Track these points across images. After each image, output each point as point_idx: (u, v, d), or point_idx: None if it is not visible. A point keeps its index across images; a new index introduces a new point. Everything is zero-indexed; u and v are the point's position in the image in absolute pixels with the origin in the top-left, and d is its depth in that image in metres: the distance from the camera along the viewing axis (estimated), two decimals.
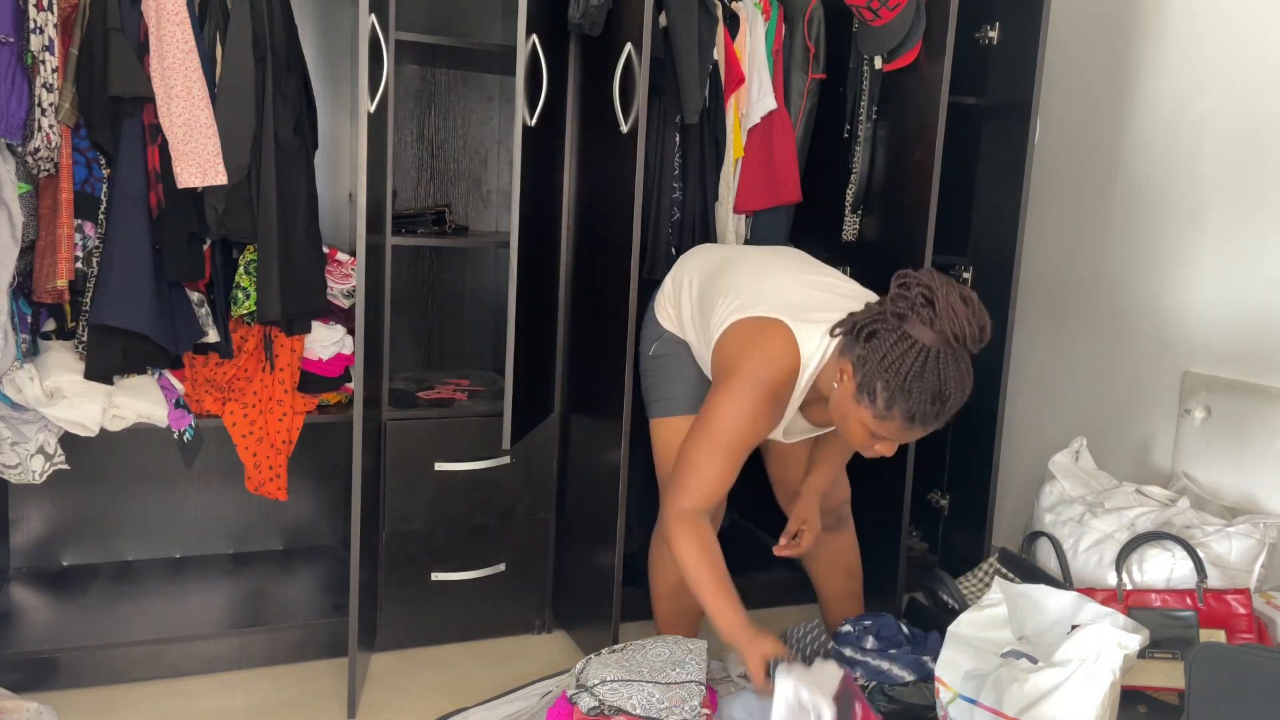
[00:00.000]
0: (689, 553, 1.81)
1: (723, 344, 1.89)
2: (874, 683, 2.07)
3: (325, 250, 2.32)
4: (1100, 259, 2.73)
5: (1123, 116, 2.68)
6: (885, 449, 1.76)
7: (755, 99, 2.47)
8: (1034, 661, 1.79)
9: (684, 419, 2.08)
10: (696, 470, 1.83)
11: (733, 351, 1.86)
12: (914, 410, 1.65)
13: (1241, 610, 2.02)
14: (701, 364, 2.06)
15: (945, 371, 1.64)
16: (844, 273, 2.59)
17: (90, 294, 2.04)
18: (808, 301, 1.88)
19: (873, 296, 1.94)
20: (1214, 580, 2.05)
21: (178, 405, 2.23)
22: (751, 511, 3.00)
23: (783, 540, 2.09)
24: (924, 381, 1.63)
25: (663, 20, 2.33)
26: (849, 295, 1.93)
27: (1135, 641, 1.71)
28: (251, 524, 2.70)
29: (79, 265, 2.04)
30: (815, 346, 1.81)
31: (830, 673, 1.70)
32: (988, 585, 2.34)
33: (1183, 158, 2.51)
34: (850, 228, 2.59)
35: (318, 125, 2.34)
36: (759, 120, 2.48)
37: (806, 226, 2.71)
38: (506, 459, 2.39)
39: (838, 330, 1.77)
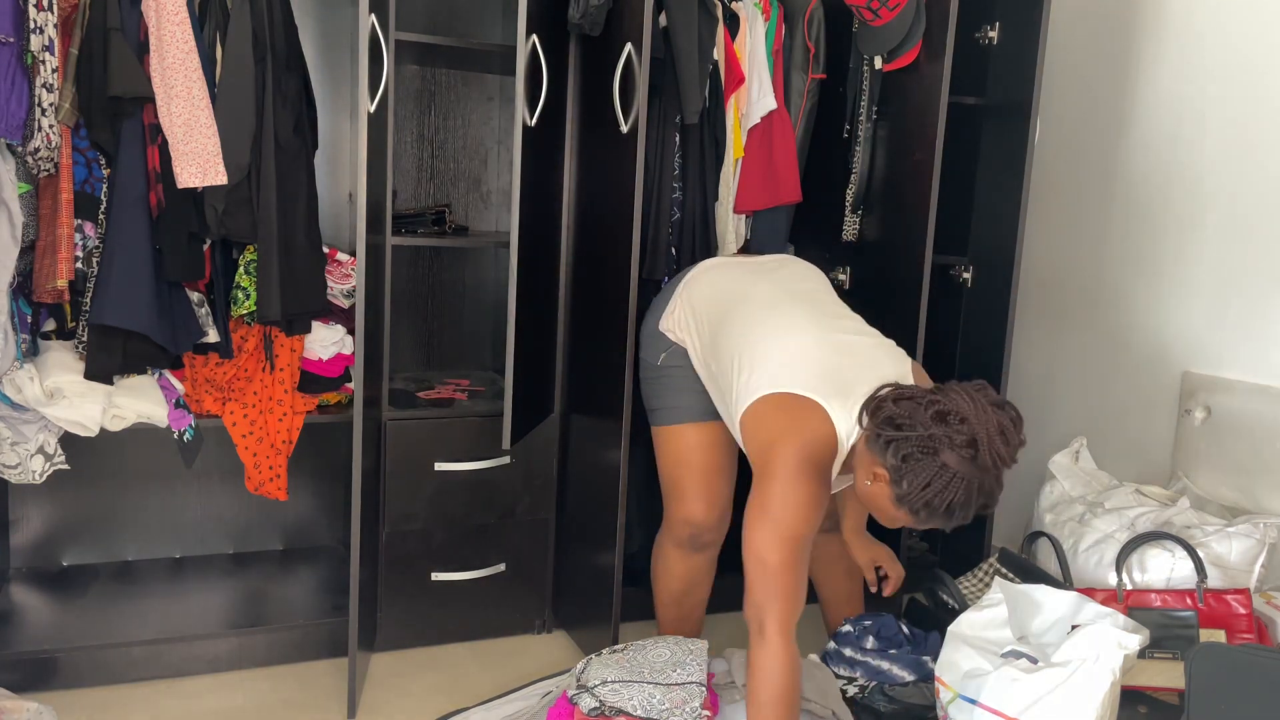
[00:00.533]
0: (780, 679, 1.71)
1: (755, 421, 1.83)
2: (874, 683, 2.08)
3: (325, 250, 2.31)
4: (1100, 259, 2.73)
5: (1123, 116, 2.68)
6: (912, 524, 1.74)
7: (755, 99, 2.47)
8: (1034, 661, 1.79)
9: (689, 427, 2.08)
10: (782, 577, 1.73)
11: (771, 434, 1.79)
12: (955, 521, 1.65)
13: (1241, 610, 2.02)
14: (718, 405, 2.02)
15: (986, 488, 1.61)
16: (844, 272, 2.62)
17: (90, 294, 2.03)
18: (833, 369, 1.82)
19: (887, 346, 1.93)
20: (1214, 580, 2.05)
21: (178, 405, 2.23)
22: None
23: (875, 587, 2.27)
24: (966, 501, 1.61)
25: (663, 20, 2.33)
26: (874, 360, 1.87)
27: (1135, 641, 1.71)
28: (251, 524, 2.70)
29: (79, 265, 2.04)
30: (848, 428, 1.77)
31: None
32: (988, 585, 2.34)
33: (1183, 158, 2.51)
34: (850, 228, 2.59)
35: (318, 125, 2.34)
36: (759, 120, 2.48)
37: (806, 226, 2.71)
38: (506, 459, 2.39)
39: (873, 421, 1.70)
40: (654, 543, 2.23)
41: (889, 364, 1.86)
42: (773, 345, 1.87)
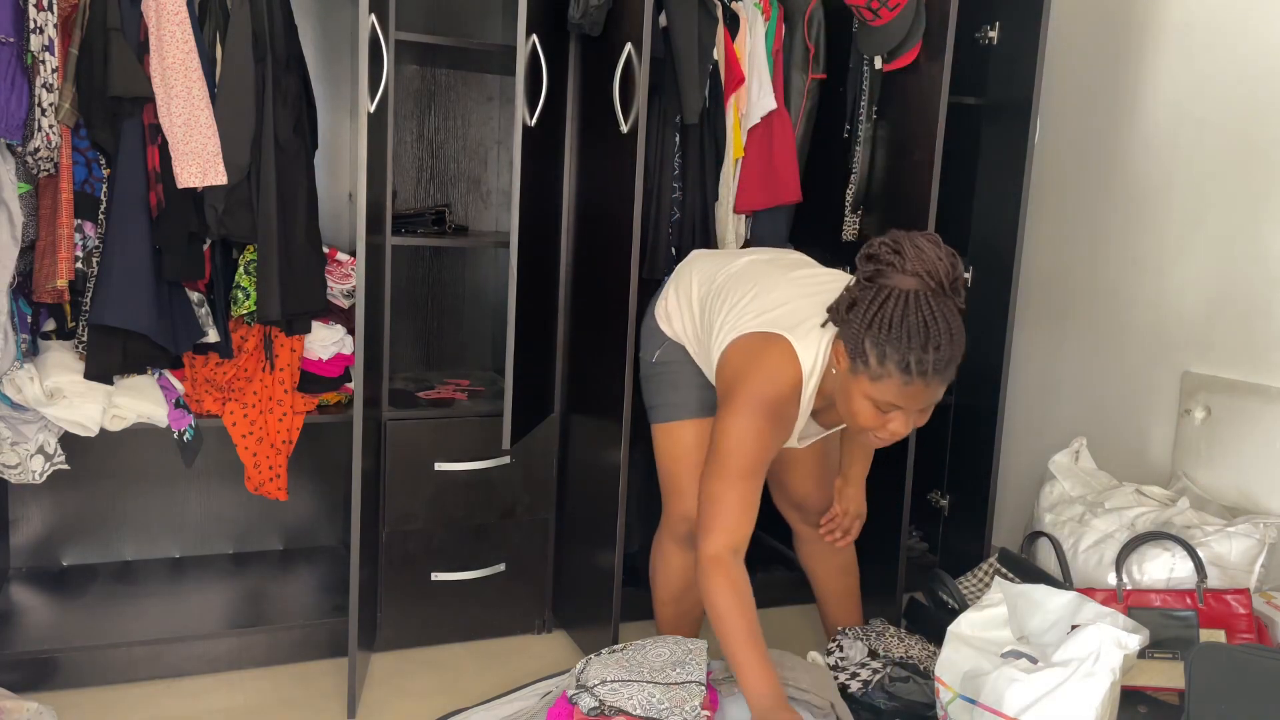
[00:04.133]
0: (720, 601, 1.74)
1: (723, 363, 1.88)
2: (876, 677, 2.07)
3: (325, 250, 2.32)
4: (1100, 258, 2.73)
5: (1123, 116, 2.68)
6: (897, 425, 1.70)
7: (755, 99, 2.47)
8: (1034, 661, 1.79)
9: (687, 424, 2.08)
10: (719, 503, 1.78)
11: (733, 372, 1.83)
12: (905, 358, 1.61)
13: (1241, 610, 2.02)
14: (706, 373, 2.05)
15: (927, 312, 1.61)
16: (844, 272, 2.62)
17: (90, 294, 2.04)
18: (805, 310, 1.86)
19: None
20: (1214, 580, 2.05)
21: (178, 405, 2.23)
22: None
23: (834, 529, 2.20)
24: (908, 324, 1.61)
25: (663, 20, 2.33)
26: (842, 285, 1.91)
27: (1135, 641, 1.71)
28: (251, 524, 2.70)
29: (79, 265, 2.04)
30: (814, 355, 1.80)
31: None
32: (988, 585, 2.34)
33: (1183, 158, 2.51)
34: (850, 228, 2.59)
35: (318, 125, 2.34)
36: (759, 120, 2.48)
37: (806, 226, 2.71)
38: (506, 459, 2.39)
39: (825, 322, 1.78)
40: (653, 541, 2.23)
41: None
42: (748, 300, 1.92)
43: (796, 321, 1.83)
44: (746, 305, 1.91)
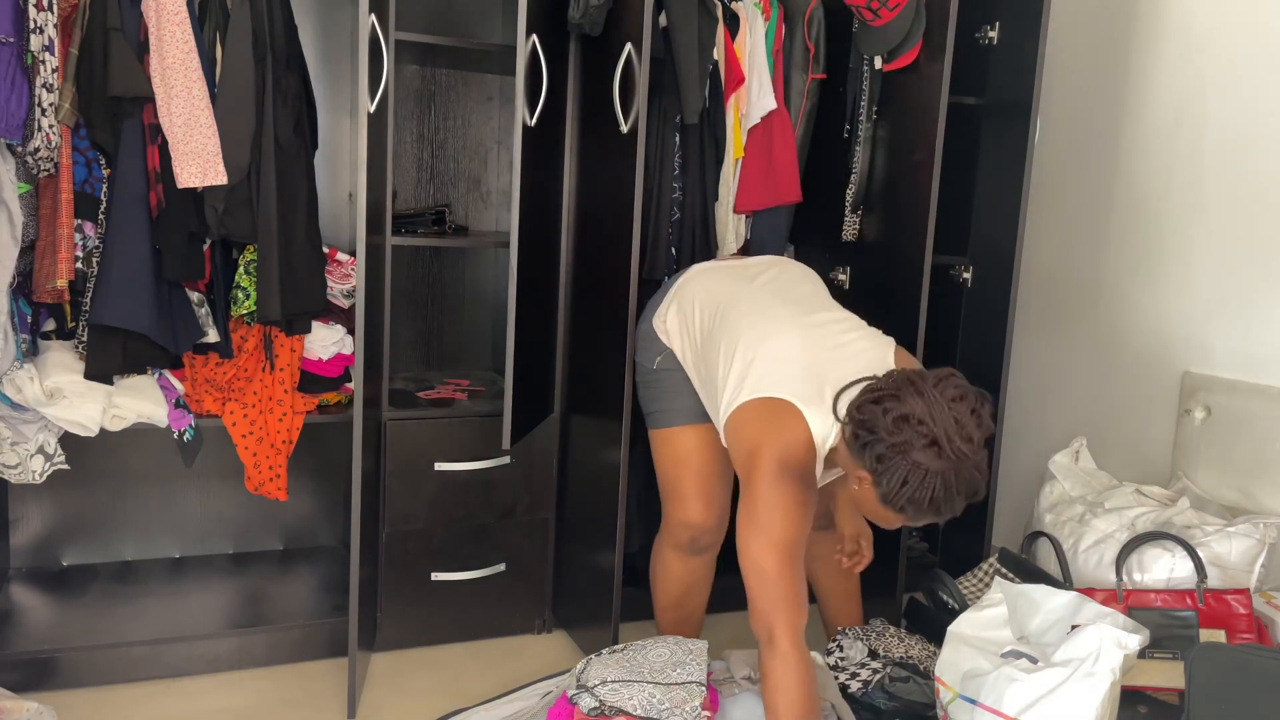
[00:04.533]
0: (797, 691, 1.72)
1: (737, 428, 1.85)
2: (876, 677, 2.07)
3: (325, 250, 2.31)
4: (1100, 259, 2.73)
5: (1123, 116, 2.68)
6: (901, 523, 1.77)
7: (755, 99, 2.47)
8: (1034, 661, 1.78)
9: (686, 429, 2.08)
10: (781, 583, 1.74)
11: (750, 441, 1.81)
12: (945, 514, 1.67)
13: (1241, 610, 2.02)
14: (709, 410, 2.03)
15: (964, 478, 1.64)
16: (844, 272, 2.62)
17: (90, 294, 2.03)
18: (812, 366, 1.84)
19: (872, 334, 1.94)
20: (1214, 580, 2.05)
21: (178, 405, 2.23)
22: None
23: (842, 557, 2.18)
24: (947, 494, 1.64)
25: (663, 20, 2.33)
26: (856, 352, 1.89)
27: (1135, 641, 1.71)
28: (251, 524, 2.70)
29: (79, 265, 2.04)
30: (826, 430, 1.79)
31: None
32: (988, 585, 2.34)
33: (1182, 158, 2.51)
34: (850, 228, 2.59)
35: (318, 125, 2.34)
36: (759, 120, 2.48)
37: (806, 226, 2.71)
38: (506, 459, 2.39)
39: (846, 427, 1.74)
40: (653, 547, 2.23)
41: (872, 352, 1.89)
42: (756, 350, 1.88)
43: (808, 387, 1.81)
44: (752, 358, 1.87)
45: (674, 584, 2.19)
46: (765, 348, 1.88)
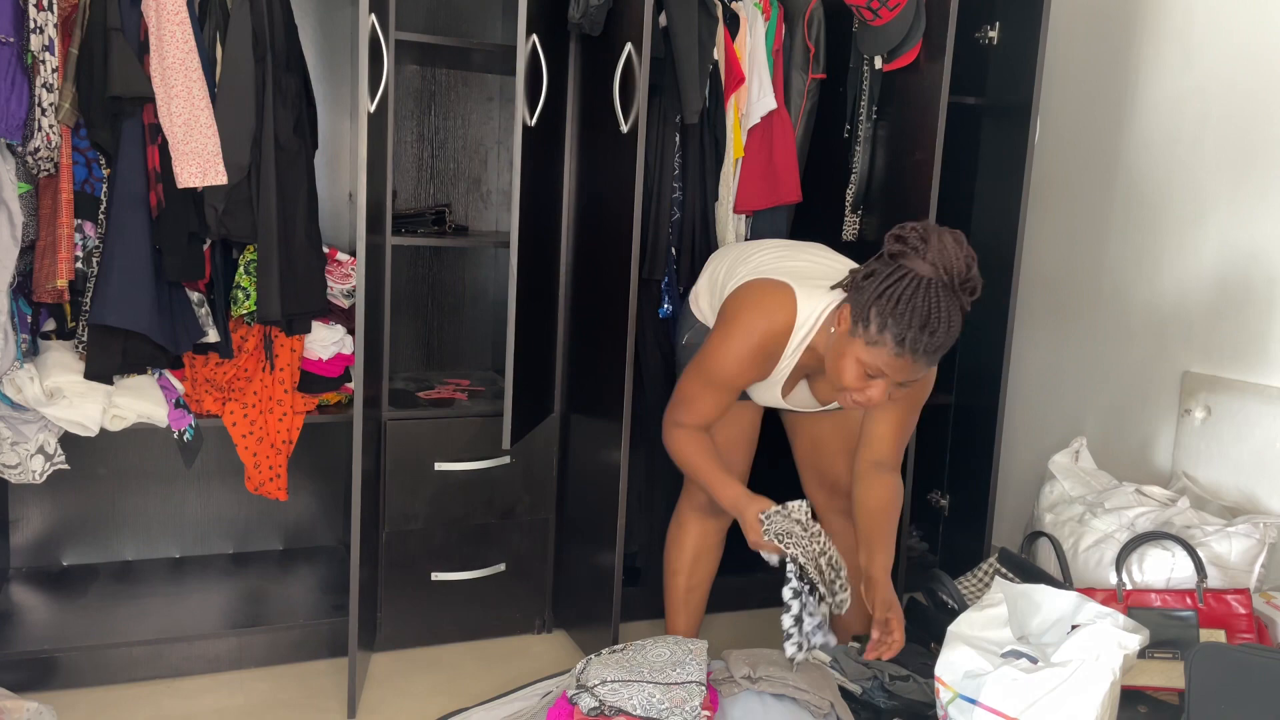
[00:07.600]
0: (687, 447, 2.00)
1: (726, 301, 2.01)
2: (874, 678, 2.07)
3: (325, 250, 2.32)
4: (1100, 258, 2.73)
5: (1123, 116, 2.68)
6: (875, 391, 1.77)
7: (755, 99, 2.47)
8: (1034, 661, 1.78)
9: None
10: (690, 401, 2.00)
11: (732, 305, 1.97)
12: (903, 333, 1.69)
13: (1241, 610, 2.02)
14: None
15: (935, 300, 1.69)
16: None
17: (90, 294, 2.04)
18: (817, 273, 1.99)
19: None
20: (1214, 580, 2.05)
21: (178, 405, 2.23)
22: None
23: (874, 639, 1.95)
24: (914, 305, 1.69)
25: (663, 20, 2.33)
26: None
27: (1135, 641, 1.71)
28: (251, 524, 2.70)
29: (79, 265, 2.04)
30: (814, 309, 1.91)
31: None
32: (988, 585, 2.34)
33: (1183, 158, 2.51)
34: (850, 228, 2.59)
35: (318, 125, 2.34)
36: (759, 120, 2.48)
37: (806, 226, 2.70)
38: (506, 459, 2.39)
39: (835, 286, 1.88)
40: (673, 514, 2.28)
41: None
42: (767, 260, 2.06)
43: (806, 278, 1.96)
44: (763, 262, 2.05)
45: (689, 544, 2.25)
46: (777, 260, 2.06)
